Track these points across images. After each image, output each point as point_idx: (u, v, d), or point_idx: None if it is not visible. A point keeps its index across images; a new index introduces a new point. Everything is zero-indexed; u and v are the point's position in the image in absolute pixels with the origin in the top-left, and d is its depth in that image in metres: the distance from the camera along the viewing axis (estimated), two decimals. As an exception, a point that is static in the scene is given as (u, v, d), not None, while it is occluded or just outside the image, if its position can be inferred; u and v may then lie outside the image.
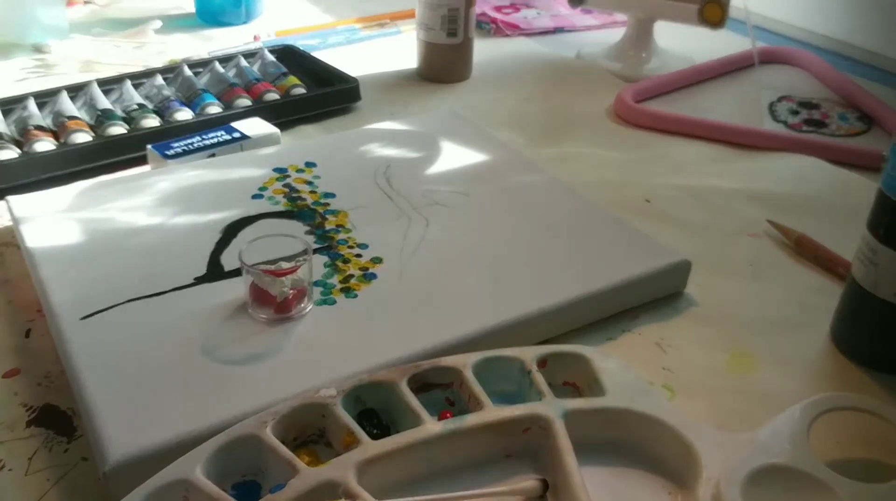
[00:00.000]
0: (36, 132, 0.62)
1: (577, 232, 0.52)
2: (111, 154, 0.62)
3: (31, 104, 0.65)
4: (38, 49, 0.83)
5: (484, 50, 0.87)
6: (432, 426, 0.36)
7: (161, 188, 0.55)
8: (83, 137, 0.62)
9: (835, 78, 0.81)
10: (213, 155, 0.61)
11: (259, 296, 0.43)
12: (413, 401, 0.37)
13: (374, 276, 0.47)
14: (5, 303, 0.48)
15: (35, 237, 0.49)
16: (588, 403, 0.38)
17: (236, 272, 0.47)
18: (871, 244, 0.42)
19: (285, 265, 0.44)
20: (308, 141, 0.66)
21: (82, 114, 0.66)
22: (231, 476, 0.35)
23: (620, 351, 0.45)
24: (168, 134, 0.64)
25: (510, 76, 0.82)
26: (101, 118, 0.64)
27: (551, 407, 0.37)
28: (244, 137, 0.62)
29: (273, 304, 0.43)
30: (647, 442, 0.38)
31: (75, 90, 0.69)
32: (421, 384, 0.39)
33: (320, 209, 0.54)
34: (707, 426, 0.38)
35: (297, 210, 0.53)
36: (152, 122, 0.65)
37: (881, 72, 0.87)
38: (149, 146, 0.61)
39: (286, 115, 0.70)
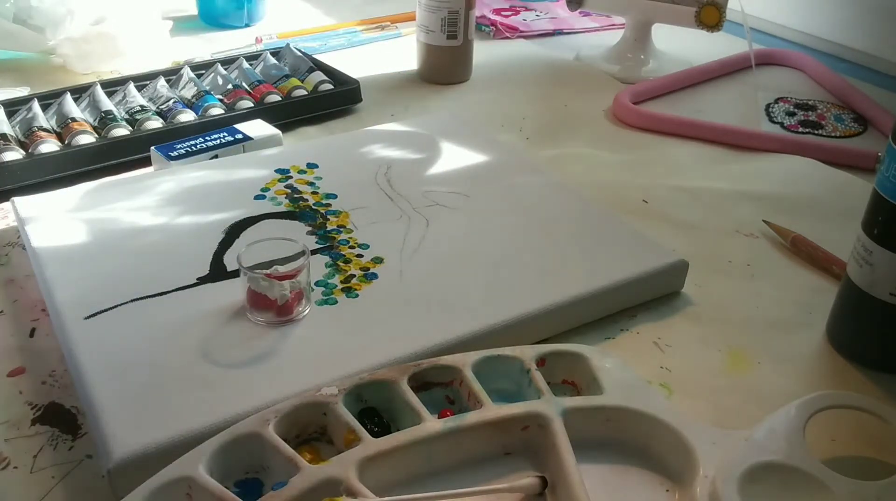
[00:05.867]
0: (40, 134, 0.62)
1: (575, 232, 0.52)
2: (115, 156, 0.63)
3: (36, 106, 0.66)
4: (42, 51, 0.83)
5: (483, 52, 0.87)
6: (432, 424, 0.37)
7: (164, 189, 0.56)
8: (87, 139, 0.63)
9: (831, 80, 0.82)
10: (215, 156, 0.61)
11: (256, 301, 0.43)
12: (413, 399, 0.38)
13: (374, 276, 0.48)
14: (10, 303, 0.49)
15: (40, 238, 0.50)
16: (586, 401, 0.39)
17: (239, 272, 0.47)
18: (865, 244, 0.43)
19: (281, 269, 0.44)
20: (310, 142, 0.66)
21: (86, 115, 0.66)
22: (233, 473, 0.36)
23: (619, 350, 0.46)
24: (171, 135, 0.64)
25: (509, 78, 0.83)
26: (105, 120, 0.65)
27: (550, 405, 0.38)
28: (246, 138, 0.63)
29: (272, 308, 0.43)
30: (645, 440, 0.38)
31: (79, 92, 0.69)
32: (421, 383, 0.39)
33: (322, 210, 0.54)
34: (704, 424, 0.39)
35: (298, 211, 0.54)
36: (155, 123, 0.66)
37: (877, 74, 0.87)
38: (152, 148, 0.61)
39: (288, 116, 0.71)
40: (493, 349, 0.41)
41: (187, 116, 0.67)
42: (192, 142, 0.62)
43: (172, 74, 0.74)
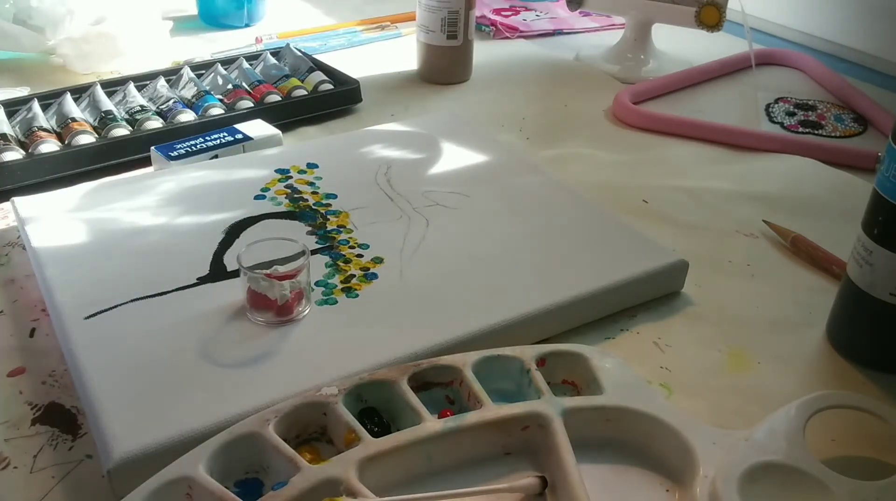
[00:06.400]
0: (41, 134, 0.62)
1: (575, 232, 0.52)
2: (115, 155, 0.63)
3: (36, 106, 0.66)
4: (42, 52, 0.83)
5: (483, 52, 0.87)
6: (432, 424, 0.37)
7: (164, 189, 0.56)
8: (87, 139, 0.63)
9: (831, 80, 0.82)
10: (215, 156, 0.61)
11: (256, 301, 0.43)
12: (413, 399, 0.38)
13: (374, 276, 0.48)
14: (10, 303, 0.49)
15: (40, 238, 0.50)
16: (586, 401, 0.39)
17: (239, 272, 0.47)
18: (865, 244, 0.43)
19: (281, 269, 0.44)
20: (309, 142, 0.66)
21: (86, 115, 0.66)
22: (233, 473, 0.36)
23: (619, 350, 0.46)
24: (171, 135, 0.64)
25: (509, 78, 0.83)
26: (105, 120, 0.65)
27: (550, 405, 0.38)
28: (246, 138, 0.63)
29: (272, 308, 0.43)
30: (645, 440, 0.38)
31: (79, 92, 0.69)
32: (421, 383, 0.39)
33: (322, 210, 0.54)
34: (704, 424, 0.38)
35: (298, 211, 0.54)
36: (155, 123, 0.66)
37: (877, 73, 0.87)
38: (152, 148, 0.61)
39: (288, 116, 0.71)
40: (493, 349, 0.41)
41: (187, 116, 0.67)
42: (192, 142, 0.62)
43: (172, 74, 0.74)
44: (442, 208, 0.55)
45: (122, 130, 0.64)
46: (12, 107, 0.67)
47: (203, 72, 0.75)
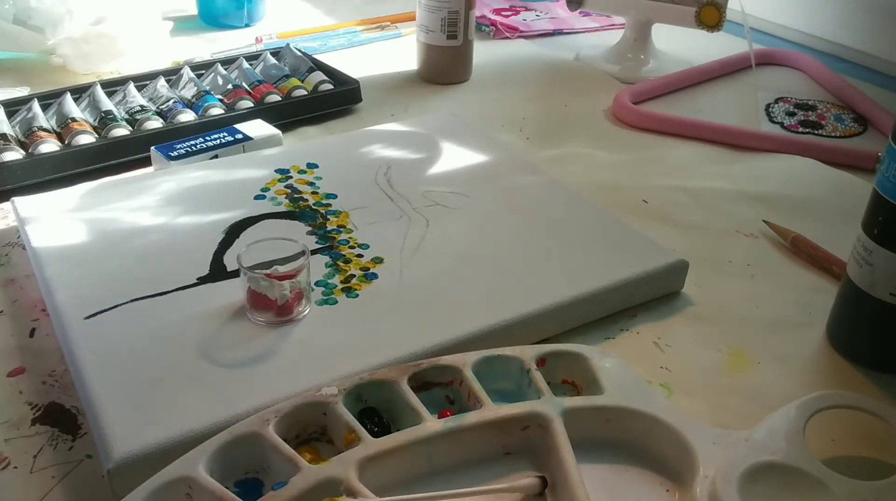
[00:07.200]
0: (41, 134, 0.62)
1: (575, 232, 0.52)
2: (115, 155, 0.63)
3: (36, 106, 0.66)
4: (42, 52, 0.83)
5: (483, 52, 0.87)
6: (432, 424, 0.37)
7: (164, 189, 0.56)
8: (87, 139, 0.63)
9: (831, 80, 0.82)
10: (215, 156, 0.61)
11: (256, 301, 0.43)
12: (413, 399, 0.38)
13: (374, 276, 0.48)
14: (10, 303, 0.49)
15: (40, 238, 0.50)
16: (586, 401, 0.39)
17: (239, 272, 0.47)
18: (865, 244, 0.43)
19: (281, 269, 0.44)
20: (309, 142, 0.66)
21: (86, 115, 0.66)
22: (233, 473, 0.36)
23: (619, 350, 0.46)
24: (171, 135, 0.64)
25: (509, 78, 0.83)
26: (105, 120, 0.65)
27: (550, 405, 0.38)
28: (246, 138, 0.63)
29: (272, 308, 0.43)
30: (645, 440, 0.38)
31: (79, 92, 0.69)
32: (421, 383, 0.39)
33: (322, 210, 0.54)
34: (704, 424, 0.38)
35: (298, 211, 0.54)
36: (155, 123, 0.66)
37: (876, 74, 0.87)
38: (152, 148, 0.61)
39: (288, 116, 0.71)
40: (493, 349, 0.41)
41: (187, 116, 0.67)
42: (192, 142, 0.62)
43: (172, 74, 0.74)
44: (442, 208, 0.55)
45: (122, 130, 0.64)
46: (12, 107, 0.67)
47: (203, 72, 0.75)
